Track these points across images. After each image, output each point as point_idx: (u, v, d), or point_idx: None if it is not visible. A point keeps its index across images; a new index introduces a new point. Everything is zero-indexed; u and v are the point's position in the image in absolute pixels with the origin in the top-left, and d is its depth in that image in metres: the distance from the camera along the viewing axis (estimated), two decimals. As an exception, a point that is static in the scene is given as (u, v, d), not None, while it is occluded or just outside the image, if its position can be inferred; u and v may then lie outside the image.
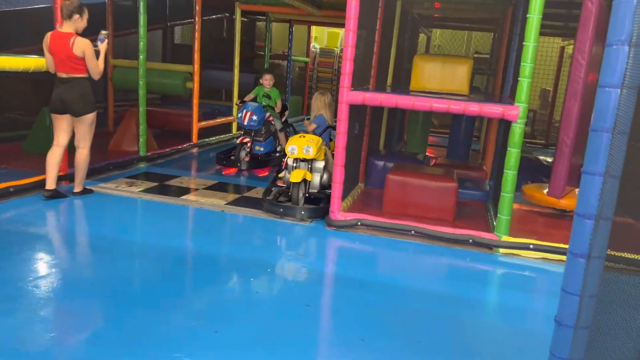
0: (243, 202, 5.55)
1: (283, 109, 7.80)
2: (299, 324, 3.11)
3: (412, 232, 4.80)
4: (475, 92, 7.19)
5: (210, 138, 8.82)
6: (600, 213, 1.73)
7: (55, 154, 5.02)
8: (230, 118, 9.62)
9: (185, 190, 5.81)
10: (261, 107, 7.22)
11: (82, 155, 5.11)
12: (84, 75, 4.92)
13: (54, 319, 3.00)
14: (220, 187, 6.09)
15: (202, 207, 5.26)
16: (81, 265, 3.84)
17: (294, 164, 5.48)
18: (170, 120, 8.90)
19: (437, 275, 4.21)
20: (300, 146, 5.37)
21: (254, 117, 7.02)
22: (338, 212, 4.93)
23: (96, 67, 4.91)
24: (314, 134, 5.74)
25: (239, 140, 7.21)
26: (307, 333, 3.04)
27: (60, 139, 5.04)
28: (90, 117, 5.02)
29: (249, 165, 7.07)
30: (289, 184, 5.38)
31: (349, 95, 4.73)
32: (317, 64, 15.36)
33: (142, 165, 6.81)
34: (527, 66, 4.37)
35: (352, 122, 5.01)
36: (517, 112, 4.42)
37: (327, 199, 5.29)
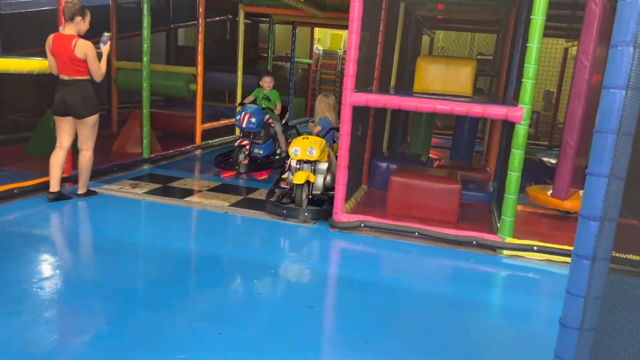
0: (246, 203, 5.55)
1: (283, 112, 7.74)
2: (302, 326, 3.11)
3: (416, 233, 4.80)
4: (478, 93, 7.19)
5: (214, 140, 8.84)
6: (605, 215, 1.73)
7: (58, 156, 5.03)
8: (234, 120, 9.63)
9: (189, 192, 5.82)
10: (260, 110, 7.15)
11: (86, 157, 5.12)
12: (86, 78, 4.92)
13: (58, 321, 3.00)
14: (223, 189, 6.10)
15: (206, 209, 5.27)
16: (85, 266, 3.85)
17: (297, 166, 5.48)
18: (174, 122, 8.93)
19: (440, 277, 4.20)
20: (304, 148, 5.37)
21: (253, 120, 6.96)
22: (341, 213, 4.93)
23: (98, 69, 4.92)
24: (318, 136, 5.75)
25: (238, 143, 7.14)
26: (310, 335, 3.04)
27: (63, 141, 5.05)
28: (93, 119, 5.02)
29: (247, 168, 7.00)
30: (292, 186, 5.38)
31: (353, 97, 4.73)
32: (320, 66, 15.37)
33: (146, 167, 6.82)
34: (530, 67, 4.36)
35: (355, 123, 5.01)
36: (520, 113, 4.41)
37: (330, 200, 5.28)
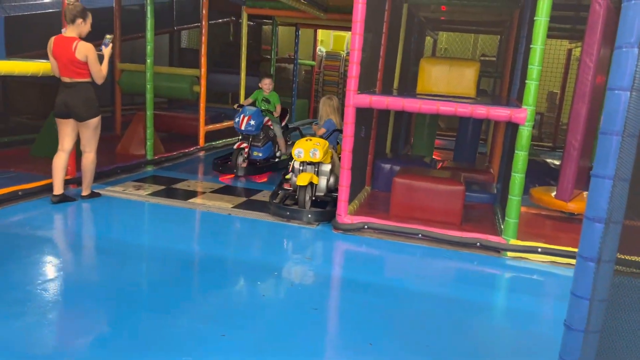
0: (250, 205, 5.56)
1: (283, 114, 7.66)
2: (306, 328, 3.11)
3: (419, 235, 4.79)
4: (482, 94, 7.17)
5: (217, 141, 8.85)
6: (610, 216, 1.72)
7: (61, 158, 5.03)
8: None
9: (192, 194, 5.82)
10: (259, 112, 7.06)
11: (89, 159, 5.13)
12: (87, 80, 4.91)
13: (61, 322, 3.01)
14: (227, 191, 6.10)
15: (209, 211, 5.27)
16: (89, 268, 3.85)
17: (301, 167, 5.48)
18: (177, 123, 8.94)
19: (444, 278, 4.19)
20: (307, 149, 5.37)
21: (252, 122, 6.88)
22: (345, 215, 4.93)
23: (99, 71, 4.90)
24: (321, 137, 5.75)
25: (236, 145, 7.03)
26: (314, 336, 3.04)
27: (65, 144, 5.05)
28: (94, 121, 5.01)
29: (246, 172, 6.88)
30: (296, 187, 5.38)
31: (356, 99, 4.73)
32: (324, 68, 15.38)
33: (150, 169, 6.83)
34: (534, 69, 4.36)
35: (358, 125, 5.00)
36: (524, 115, 4.40)
37: (333, 202, 5.28)
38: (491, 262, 4.50)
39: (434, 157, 8.28)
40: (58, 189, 5.01)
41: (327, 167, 5.58)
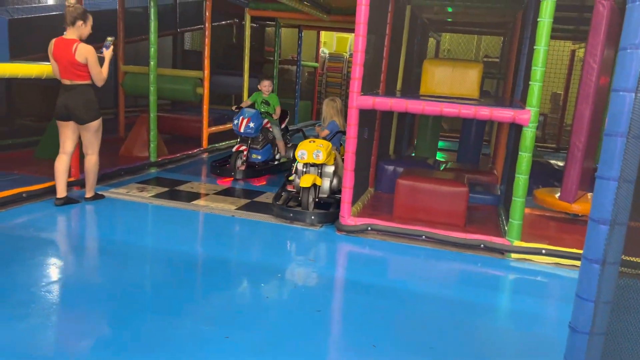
0: (253, 207, 5.56)
1: (283, 116, 7.59)
2: (309, 330, 3.10)
3: (423, 237, 4.78)
4: (485, 96, 7.17)
5: (220, 143, 8.86)
6: (615, 218, 1.71)
7: (62, 161, 5.01)
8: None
9: (196, 196, 5.83)
10: (258, 114, 6.95)
11: (91, 161, 5.12)
12: (87, 82, 4.88)
13: (65, 324, 3.01)
14: (230, 192, 6.11)
15: (213, 212, 5.28)
16: (92, 270, 3.86)
17: (304, 169, 5.48)
18: (181, 125, 8.95)
19: (448, 280, 4.18)
20: (310, 151, 5.37)
21: (251, 124, 6.78)
22: (348, 217, 4.92)
23: (99, 73, 4.87)
24: (325, 139, 5.75)
25: (235, 148, 6.95)
26: (317, 338, 3.03)
27: (66, 146, 5.03)
28: (95, 124, 4.98)
29: (245, 175, 6.78)
30: (299, 189, 5.38)
31: (359, 100, 4.73)
32: (327, 69, 15.39)
33: (153, 171, 6.84)
34: (538, 70, 4.34)
35: (361, 126, 5.00)
36: (528, 116, 4.39)
37: (337, 203, 5.28)
38: (495, 263, 4.49)
39: (437, 158, 8.27)
40: (61, 192, 5.01)
41: (330, 169, 5.58)
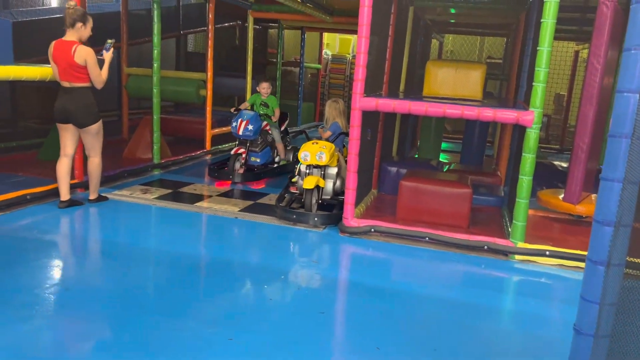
0: (256, 208, 5.56)
1: (283, 118, 7.52)
2: (313, 331, 3.10)
3: (427, 238, 4.77)
4: (488, 97, 7.15)
5: (224, 145, 8.86)
6: (619, 220, 1.71)
7: (64, 164, 4.99)
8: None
9: (199, 197, 5.83)
10: (257, 116, 6.85)
11: (94, 164, 5.12)
12: (86, 85, 4.84)
13: (68, 326, 3.01)
14: (233, 194, 6.11)
15: (216, 214, 5.28)
16: (96, 272, 3.86)
17: (307, 171, 5.48)
18: (184, 127, 8.96)
19: (452, 282, 4.17)
20: (313, 153, 5.37)
21: (250, 127, 6.68)
22: (351, 218, 4.92)
23: (98, 76, 4.83)
24: (328, 140, 5.75)
25: (233, 151, 6.88)
26: (321, 340, 3.03)
27: (67, 149, 5.00)
28: (95, 127, 4.95)
29: (243, 178, 6.67)
30: (302, 191, 5.38)
31: (362, 102, 4.73)
32: (329, 71, 15.39)
33: (156, 173, 6.85)
34: (541, 71, 4.34)
35: (365, 128, 5.00)
36: (531, 117, 4.38)
37: (340, 205, 5.28)
38: (499, 265, 4.47)
39: (440, 160, 8.25)
40: (65, 195, 5.01)
41: (333, 170, 5.57)
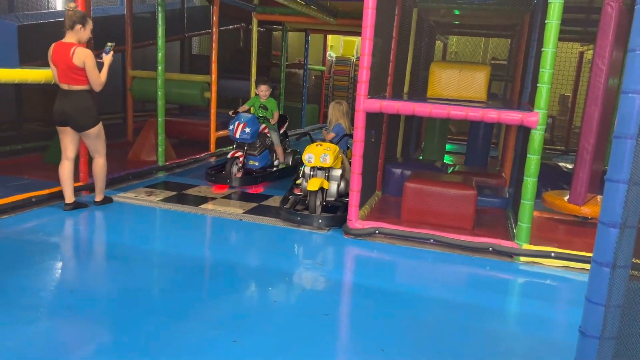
0: (260, 210, 5.56)
1: (282, 121, 7.43)
2: (317, 334, 3.10)
3: (431, 240, 4.76)
4: (493, 98, 7.14)
5: (228, 147, 8.85)
6: (625, 221, 1.70)
7: (66, 167, 4.98)
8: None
9: (204, 200, 5.84)
10: (255, 119, 6.73)
11: (99, 165, 5.13)
12: (84, 87, 4.82)
13: (73, 328, 3.02)
14: (237, 196, 6.11)
15: (220, 216, 5.28)
16: (100, 274, 3.87)
17: (311, 172, 5.48)
18: (188, 129, 8.98)
19: (457, 284, 4.16)
20: (317, 154, 5.37)
21: (247, 130, 6.56)
22: (356, 220, 4.92)
23: (97, 78, 4.80)
24: (331, 142, 5.75)
25: (231, 154, 6.73)
26: (325, 343, 3.02)
27: (68, 152, 4.99)
28: (94, 130, 4.93)
29: (241, 182, 6.56)
30: (306, 193, 5.38)
31: (366, 103, 4.73)
32: (333, 73, 15.40)
33: (161, 175, 6.87)
34: (546, 72, 4.32)
35: (369, 130, 5.00)
36: (536, 118, 4.37)
37: (344, 207, 5.27)
38: (504, 267, 4.46)
39: (444, 161, 8.24)
40: (69, 198, 5.02)
41: (337, 172, 5.57)
